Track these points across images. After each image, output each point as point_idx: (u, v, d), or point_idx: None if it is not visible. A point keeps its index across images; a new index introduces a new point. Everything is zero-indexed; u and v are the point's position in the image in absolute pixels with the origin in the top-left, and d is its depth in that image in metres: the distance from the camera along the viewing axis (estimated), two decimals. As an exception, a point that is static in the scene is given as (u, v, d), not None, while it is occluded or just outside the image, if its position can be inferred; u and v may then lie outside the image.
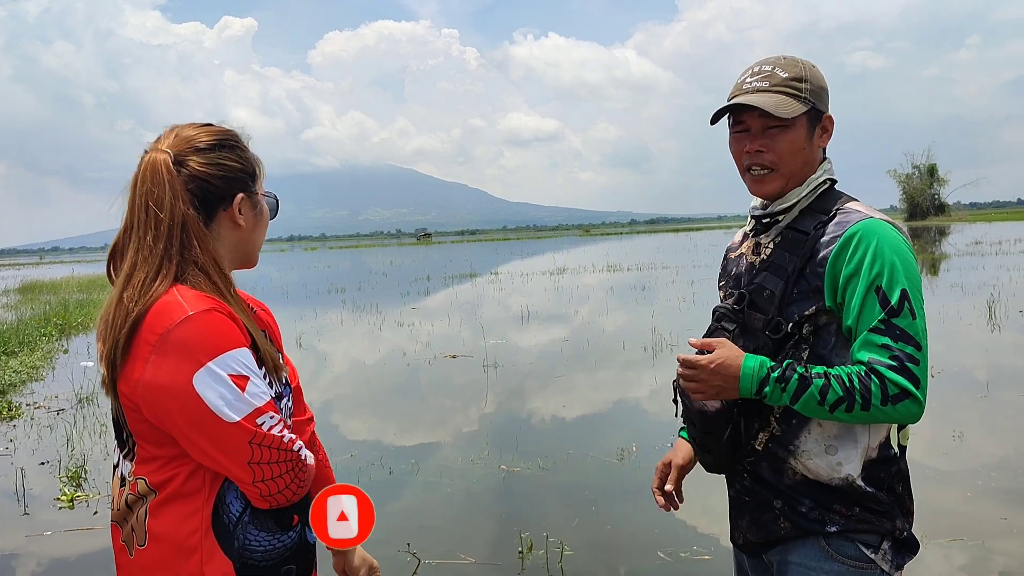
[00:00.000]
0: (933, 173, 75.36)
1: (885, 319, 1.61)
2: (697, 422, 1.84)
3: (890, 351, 1.61)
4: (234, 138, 1.66)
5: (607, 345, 11.83)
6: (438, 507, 5.39)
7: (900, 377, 1.60)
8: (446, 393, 9.36)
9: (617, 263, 32.38)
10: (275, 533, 1.57)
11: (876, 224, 1.68)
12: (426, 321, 15.89)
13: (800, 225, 1.78)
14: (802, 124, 1.77)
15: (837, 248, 1.68)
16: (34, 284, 32.87)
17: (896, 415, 1.61)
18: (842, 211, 1.75)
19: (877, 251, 1.64)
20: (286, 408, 1.67)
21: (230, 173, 1.62)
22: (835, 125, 1.85)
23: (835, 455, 1.71)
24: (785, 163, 1.78)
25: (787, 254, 1.76)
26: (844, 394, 1.61)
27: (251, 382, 1.48)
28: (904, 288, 1.62)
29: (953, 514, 4.79)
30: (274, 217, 1.76)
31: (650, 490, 2.09)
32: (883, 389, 1.60)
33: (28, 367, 11.49)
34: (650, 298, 17.77)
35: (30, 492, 5.92)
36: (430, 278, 29.81)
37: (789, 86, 1.76)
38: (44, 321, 16.99)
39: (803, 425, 1.73)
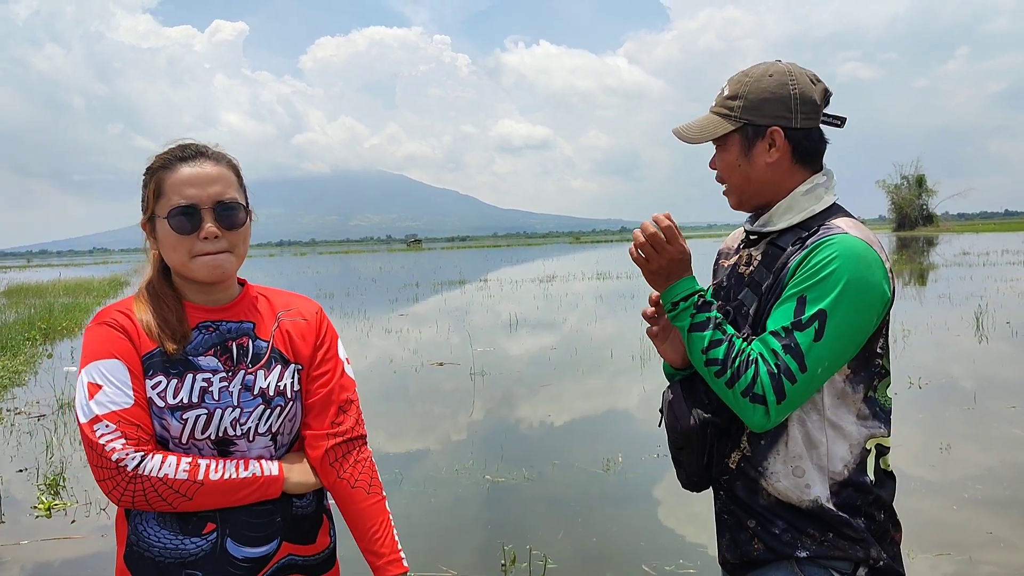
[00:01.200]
0: (921, 184, 75.84)
1: (788, 328, 1.60)
2: (671, 435, 1.83)
3: (776, 358, 1.59)
4: (145, 168, 1.72)
5: (595, 353, 11.78)
6: (421, 518, 5.31)
7: (770, 384, 1.58)
8: (432, 401, 9.29)
9: (607, 271, 32.37)
10: (177, 534, 1.62)
11: (845, 240, 1.62)
12: (414, 328, 15.82)
13: (780, 241, 1.74)
14: (733, 143, 1.77)
15: (799, 259, 1.65)
16: (20, 287, 32.61)
17: (742, 411, 1.62)
18: (824, 227, 1.69)
19: (827, 264, 1.59)
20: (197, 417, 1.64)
21: (142, 202, 1.73)
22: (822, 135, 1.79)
23: (802, 477, 1.67)
24: (728, 180, 1.82)
25: (765, 270, 1.74)
26: (723, 359, 1.62)
27: (103, 391, 1.58)
28: (824, 310, 1.57)
29: (940, 527, 4.76)
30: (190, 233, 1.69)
31: (634, 501, 2.05)
32: (751, 383, 1.59)
33: (10, 372, 11.35)
34: (639, 306, 17.65)
35: (7, 500, 5.82)
36: (419, 285, 29.73)
37: (723, 105, 1.78)
38: (28, 325, 16.82)
39: (771, 446, 1.70)
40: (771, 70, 1.75)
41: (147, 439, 1.59)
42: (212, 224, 1.65)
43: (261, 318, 1.78)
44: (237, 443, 1.68)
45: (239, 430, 1.67)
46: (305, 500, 1.77)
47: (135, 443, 1.57)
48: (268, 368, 1.73)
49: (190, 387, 1.64)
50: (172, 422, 1.62)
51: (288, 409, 1.75)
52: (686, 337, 1.69)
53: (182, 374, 1.64)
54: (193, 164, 1.67)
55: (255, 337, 1.74)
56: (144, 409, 1.60)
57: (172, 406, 1.62)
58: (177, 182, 1.65)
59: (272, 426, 1.72)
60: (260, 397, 1.70)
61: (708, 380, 1.68)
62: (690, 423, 1.76)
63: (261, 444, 1.71)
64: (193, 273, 1.67)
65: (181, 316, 1.68)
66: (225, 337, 1.71)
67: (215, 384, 1.66)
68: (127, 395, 1.59)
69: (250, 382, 1.70)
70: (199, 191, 1.65)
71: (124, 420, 1.57)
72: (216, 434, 1.65)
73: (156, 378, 1.62)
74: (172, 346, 1.64)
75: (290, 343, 1.79)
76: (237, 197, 1.71)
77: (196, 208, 1.65)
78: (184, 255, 1.65)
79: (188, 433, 1.63)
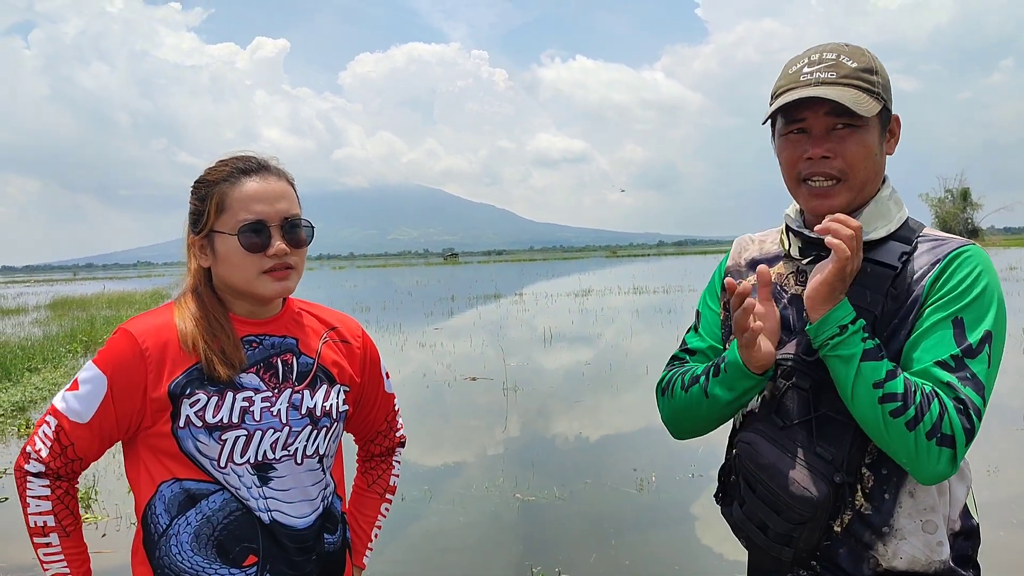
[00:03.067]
0: (966, 197, 74.36)
1: (959, 357, 1.34)
2: (789, 510, 1.43)
3: (955, 392, 1.32)
4: (199, 180, 1.68)
5: (630, 369, 11.63)
6: (449, 538, 5.24)
7: (959, 423, 1.30)
8: (464, 417, 9.22)
9: (643, 285, 32.13)
10: (213, 563, 1.57)
11: (982, 251, 1.42)
12: (448, 342, 15.80)
13: (882, 257, 1.45)
14: (875, 125, 1.47)
15: (937, 271, 1.40)
16: (65, 300, 33.28)
17: (928, 460, 1.31)
18: (928, 239, 1.47)
19: (976, 281, 1.37)
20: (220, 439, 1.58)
21: (191, 214, 1.69)
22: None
23: (934, 533, 1.41)
24: (856, 172, 1.46)
25: (868, 292, 1.43)
26: (904, 393, 1.31)
27: (76, 393, 1.57)
28: (989, 331, 1.36)
29: (988, 552, 4.57)
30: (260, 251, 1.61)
31: (669, 523, 1.82)
32: (939, 420, 1.30)
33: (50, 384, 11.52)
34: (676, 321, 17.53)
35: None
36: (455, 298, 29.77)
37: (861, 79, 1.45)
38: (70, 338, 17.12)
39: (895, 500, 1.43)
40: (872, 53, 1.51)
41: (71, 459, 1.58)
42: (282, 242, 1.61)
43: (305, 334, 1.73)
44: (277, 467, 1.62)
45: (279, 452, 1.62)
46: (336, 535, 1.74)
47: (51, 458, 1.57)
48: (314, 387, 1.69)
49: (231, 406, 1.58)
50: (210, 443, 1.56)
51: (333, 430, 1.72)
52: (852, 368, 1.35)
53: (223, 392, 1.58)
54: (257, 178, 1.62)
55: (299, 353, 1.70)
56: (94, 433, 1.58)
57: (210, 425, 1.56)
58: (243, 197, 1.60)
59: (319, 447, 1.68)
60: (308, 417, 1.65)
61: (874, 420, 1.34)
62: (824, 488, 1.40)
63: (308, 466, 1.67)
64: (257, 290, 1.63)
65: (236, 341, 1.63)
66: (269, 353, 1.66)
67: (256, 404, 1.60)
68: (87, 412, 1.56)
69: (297, 401, 1.65)
70: (267, 207, 1.60)
71: (65, 432, 1.56)
72: (256, 458, 1.59)
73: (195, 396, 1.56)
74: (226, 372, 1.58)
75: (336, 363, 1.75)
76: (301, 214, 1.68)
77: (265, 225, 1.60)
78: (251, 273, 1.61)
79: (227, 456, 1.57)
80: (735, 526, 1.59)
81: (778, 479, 1.43)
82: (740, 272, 1.71)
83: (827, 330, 1.37)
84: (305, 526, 1.65)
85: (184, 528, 1.57)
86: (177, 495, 1.57)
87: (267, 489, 1.60)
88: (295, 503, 1.64)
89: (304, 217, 1.68)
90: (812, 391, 1.46)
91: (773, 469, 1.45)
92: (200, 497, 1.57)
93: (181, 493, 1.57)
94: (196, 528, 1.57)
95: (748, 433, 1.54)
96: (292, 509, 1.63)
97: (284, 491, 1.63)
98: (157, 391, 1.56)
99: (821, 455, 1.42)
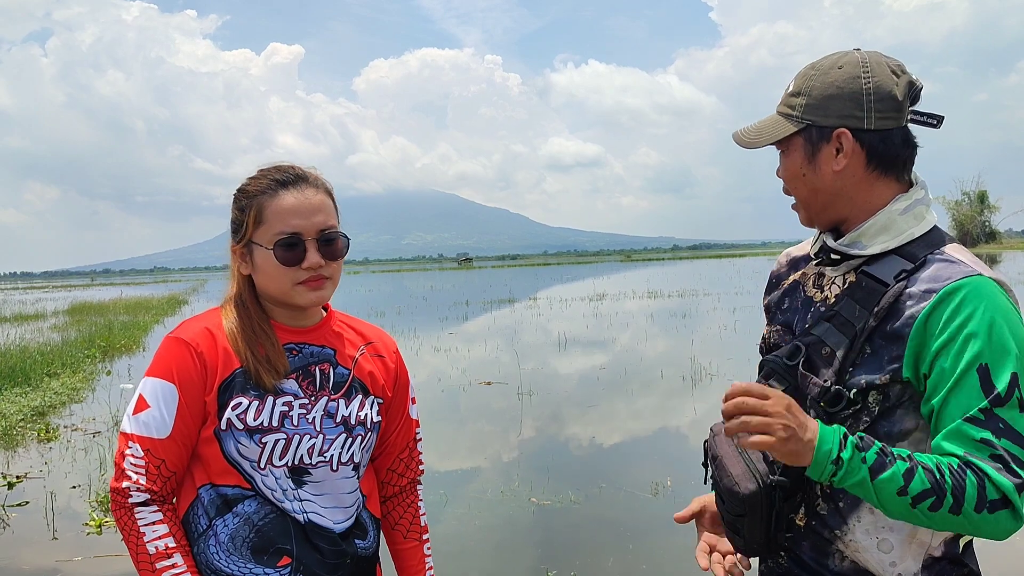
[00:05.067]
0: (983, 200, 73.78)
1: (988, 408, 1.27)
2: (726, 500, 1.51)
3: (991, 448, 1.26)
4: (240, 190, 1.70)
5: (645, 374, 11.62)
6: (464, 542, 5.25)
7: (1005, 479, 1.24)
8: (479, 421, 9.24)
9: (658, 289, 32.07)
10: (248, 563, 1.60)
11: (985, 284, 1.34)
12: (463, 346, 15.83)
13: (877, 272, 1.42)
14: (797, 146, 1.49)
15: (930, 306, 1.33)
16: (83, 305, 33.56)
17: (987, 527, 1.26)
18: (938, 260, 1.39)
19: (984, 319, 1.30)
20: (255, 444, 1.60)
21: (232, 223, 1.71)
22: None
23: (889, 553, 1.40)
24: (794, 191, 1.54)
25: (857, 306, 1.42)
26: (932, 486, 1.26)
27: (149, 412, 1.57)
28: (1016, 373, 1.28)
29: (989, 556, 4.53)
30: (295, 264, 1.64)
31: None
32: (980, 491, 1.25)
33: (69, 389, 11.63)
34: (691, 326, 17.50)
35: (59, 516, 5.92)
36: (469, 303, 29.81)
37: (786, 103, 1.51)
38: (88, 343, 17.28)
39: (853, 509, 1.42)
40: (842, 61, 1.46)
41: (167, 476, 1.59)
42: (317, 255, 1.63)
43: (343, 345, 1.76)
44: (313, 472, 1.65)
45: (315, 458, 1.64)
46: (368, 541, 1.76)
47: (151, 481, 1.57)
48: (349, 396, 1.71)
49: (271, 410, 1.61)
50: (251, 445, 1.59)
51: (367, 439, 1.74)
52: (870, 489, 1.29)
53: (263, 396, 1.61)
54: (295, 191, 1.64)
55: (336, 364, 1.72)
56: (179, 443, 1.59)
57: (251, 428, 1.59)
58: (280, 210, 1.62)
59: (354, 455, 1.71)
60: (342, 425, 1.68)
61: (918, 520, 1.29)
62: (751, 487, 1.46)
63: (344, 474, 1.69)
64: (293, 300, 1.66)
65: (279, 349, 1.66)
66: (308, 361, 1.69)
67: (295, 409, 1.64)
68: (167, 425, 1.58)
69: (333, 409, 1.68)
70: (304, 221, 1.62)
71: (152, 452, 1.57)
72: (293, 461, 1.62)
73: (237, 399, 1.60)
74: (270, 380, 1.62)
75: (371, 375, 1.77)
76: (337, 226, 1.69)
77: (300, 238, 1.62)
78: (286, 284, 1.63)
79: (266, 458, 1.60)
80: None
81: (720, 471, 1.52)
82: (781, 273, 1.73)
83: (825, 472, 1.30)
84: (340, 530, 1.68)
85: (222, 529, 1.60)
86: (215, 499, 1.61)
87: (302, 491, 1.64)
88: (329, 508, 1.67)
89: (340, 230, 1.69)
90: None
91: (719, 461, 1.54)
92: (236, 502, 1.60)
93: (218, 498, 1.61)
94: (233, 530, 1.60)
95: (719, 423, 1.59)
96: (327, 513, 1.67)
97: (319, 496, 1.66)
98: (210, 394, 1.60)
99: (765, 455, 1.47)
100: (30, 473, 7.17)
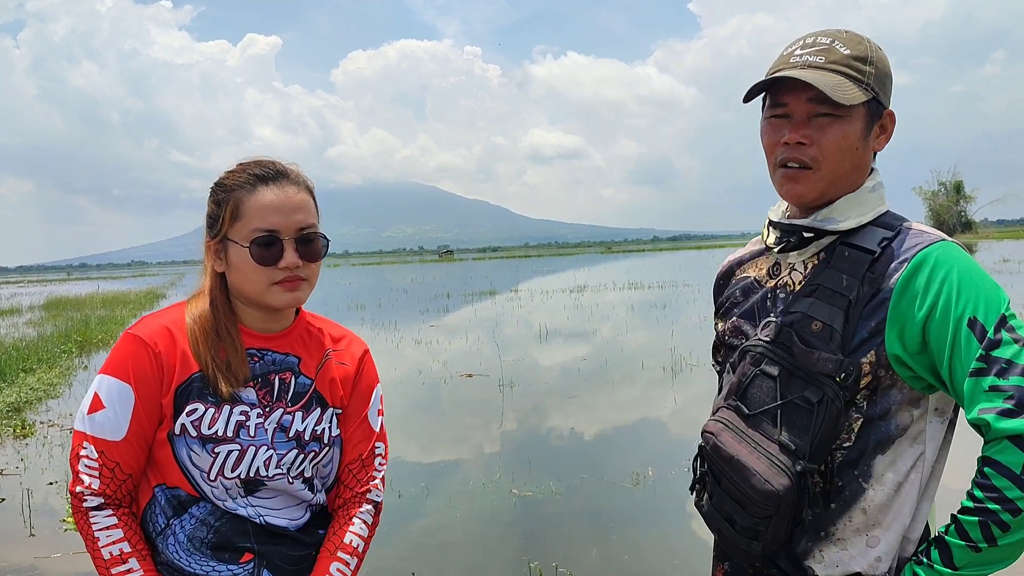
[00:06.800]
0: (960, 190, 74.49)
1: (985, 355, 1.25)
2: (753, 505, 1.39)
3: (1001, 392, 1.23)
4: (217, 184, 1.63)
5: (626, 364, 11.65)
6: (446, 534, 5.25)
7: (1018, 422, 1.20)
8: (460, 413, 9.23)
9: (638, 280, 32.17)
10: (210, 560, 1.56)
11: (950, 246, 1.35)
12: (444, 339, 15.80)
13: (861, 241, 1.40)
14: (859, 116, 1.41)
15: (905, 274, 1.33)
16: (59, 300, 33.20)
17: None
18: (908, 231, 1.41)
19: (961, 278, 1.30)
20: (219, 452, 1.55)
21: (208, 217, 1.65)
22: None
23: (876, 547, 1.38)
24: (830, 162, 1.41)
25: (844, 276, 1.38)
26: (979, 516, 1.24)
27: (104, 412, 1.53)
28: (1003, 314, 1.28)
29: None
30: (271, 264, 1.58)
31: (667, 518, 1.78)
32: (1004, 460, 1.21)
33: (45, 384, 11.50)
34: (671, 316, 17.57)
35: (36, 513, 5.85)
36: (450, 295, 29.75)
37: (850, 66, 1.40)
38: (65, 338, 17.08)
39: (845, 511, 1.40)
40: (875, 43, 1.44)
41: (122, 479, 1.54)
42: (294, 256, 1.57)
43: (308, 353, 1.69)
44: (268, 484, 1.60)
45: (272, 471, 1.59)
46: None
47: (104, 485, 1.53)
48: (307, 410, 1.65)
49: (226, 419, 1.55)
50: (203, 454, 1.54)
51: (323, 455, 1.68)
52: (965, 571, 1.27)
53: (220, 404, 1.55)
54: (275, 187, 1.57)
55: (298, 373, 1.66)
56: (134, 445, 1.55)
57: (204, 436, 1.54)
58: (258, 207, 1.56)
59: (305, 471, 1.65)
60: (294, 440, 1.62)
61: (1013, 546, 1.24)
62: (784, 481, 1.35)
63: (298, 487, 1.64)
64: (267, 301, 1.59)
65: (242, 355, 1.60)
66: (268, 369, 1.63)
67: (252, 419, 1.58)
68: (122, 427, 1.53)
69: (287, 422, 1.61)
70: (282, 219, 1.56)
71: (107, 454, 1.53)
72: (247, 473, 1.57)
73: (193, 404, 1.54)
74: (228, 388, 1.55)
75: (331, 385, 1.70)
76: (317, 226, 1.63)
77: (278, 237, 1.56)
78: (262, 284, 1.57)
79: (217, 469, 1.55)
80: (706, 518, 1.56)
81: (741, 472, 1.40)
82: (727, 272, 1.73)
83: None
84: (297, 527, 1.65)
85: (180, 529, 1.56)
86: (171, 499, 1.57)
87: (253, 498, 1.59)
88: (284, 508, 1.63)
89: (319, 231, 1.63)
90: (780, 378, 1.42)
91: (736, 462, 1.41)
92: (190, 504, 1.56)
93: (173, 499, 1.57)
94: (191, 530, 1.56)
95: (713, 423, 1.52)
96: (282, 513, 1.63)
97: (270, 498, 1.61)
98: (167, 396, 1.55)
99: (785, 444, 1.37)
100: (6, 470, 7.08)
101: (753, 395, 1.46)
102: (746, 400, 1.47)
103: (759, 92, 1.48)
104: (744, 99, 1.49)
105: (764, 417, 1.42)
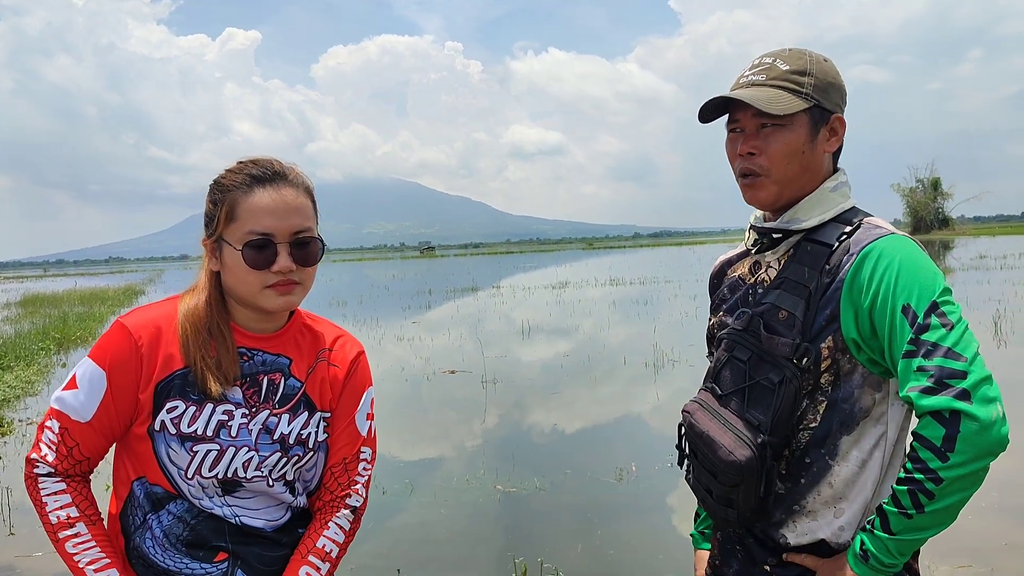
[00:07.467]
0: (937, 187, 75.23)
1: (914, 338, 1.37)
2: (722, 474, 1.54)
3: (925, 372, 1.34)
4: (215, 182, 1.61)
5: (608, 360, 11.70)
6: (431, 530, 5.26)
7: (937, 399, 1.32)
8: (443, 410, 9.23)
9: (620, 277, 32.27)
10: (184, 558, 1.57)
11: (897, 239, 1.47)
12: (426, 335, 15.79)
13: (821, 236, 1.55)
14: (801, 123, 1.56)
15: (854, 267, 1.46)
16: (36, 297, 32.84)
17: (970, 452, 1.31)
18: (865, 224, 1.54)
19: (901, 268, 1.41)
20: (200, 451, 1.55)
21: (205, 216, 1.63)
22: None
23: (841, 518, 1.51)
24: (778, 167, 1.57)
25: (805, 268, 1.53)
26: (908, 485, 1.36)
27: (75, 392, 1.54)
28: (934, 300, 1.38)
29: (959, 536, 4.66)
30: (264, 267, 1.57)
31: (650, 512, 1.89)
32: (926, 435, 1.34)
33: (23, 382, 11.38)
34: (652, 312, 17.64)
35: (16, 511, 5.80)
36: (432, 292, 29.71)
37: (788, 80, 1.56)
38: (43, 335, 16.91)
39: (813, 485, 1.52)
40: (820, 56, 1.60)
41: (78, 460, 1.55)
42: (288, 259, 1.55)
43: (300, 355, 1.68)
44: (246, 485, 1.59)
45: (251, 472, 1.58)
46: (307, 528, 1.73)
47: (58, 460, 1.54)
48: (294, 413, 1.63)
49: (207, 418, 1.54)
50: (181, 452, 1.53)
51: (307, 459, 1.67)
52: (908, 539, 1.39)
53: (201, 402, 1.54)
54: (271, 189, 1.55)
55: (289, 374, 1.64)
56: (97, 432, 1.55)
57: (183, 435, 1.53)
58: (253, 208, 1.53)
59: (287, 474, 1.64)
60: (278, 443, 1.60)
61: (939, 515, 1.37)
62: (747, 452, 1.50)
63: (279, 490, 1.63)
64: (260, 304, 1.57)
65: (234, 354, 1.58)
66: (257, 369, 1.61)
67: (235, 419, 1.56)
68: (88, 411, 1.54)
69: (272, 424, 1.60)
70: (277, 222, 1.53)
71: (69, 433, 1.54)
72: (225, 474, 1.56)
73: (173, 401, 1.53)
74: (217, 387, 1.54)
75: (321, 388, 1.68)
76: (314, 229, 1.60)
77: (271, 240, 1.53)
78: (254, 287, 1.55)
79: (195, 468, 1.54)
80: (693, 490, 1.72)
81: (711, 445, 1.56)
82: (719, 272, 1.86)
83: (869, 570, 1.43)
84: (273, 528, 1.64)
85: (156, 525, 1.56)
86: (148, 495, 1.56)
87: (230, 498, 1.59)
88: (261, 509, 1.62)
89: (316, 235, 1.61)
90: (751, 362, 1.57)
91: (707, 436, 1.57)
92: (167, 501, 1.56)
93: (151, 494, 1.56)
94: (167, 527, 1.56)
95: (691, 403, 1.68)
96: (259, 514, 1.62)
97: (248, 499, 1.61)
98: (146, 391, 1.53)
99: (750, 421, 1.53)
100: (-16, 468, 7.02)
101: (725, 377, 1.63)
102: (719, 382, 1.64)
103: (710, 113, 1.64)
104: (700, 119, 1.65)
105: (734, 397, 1.59)
